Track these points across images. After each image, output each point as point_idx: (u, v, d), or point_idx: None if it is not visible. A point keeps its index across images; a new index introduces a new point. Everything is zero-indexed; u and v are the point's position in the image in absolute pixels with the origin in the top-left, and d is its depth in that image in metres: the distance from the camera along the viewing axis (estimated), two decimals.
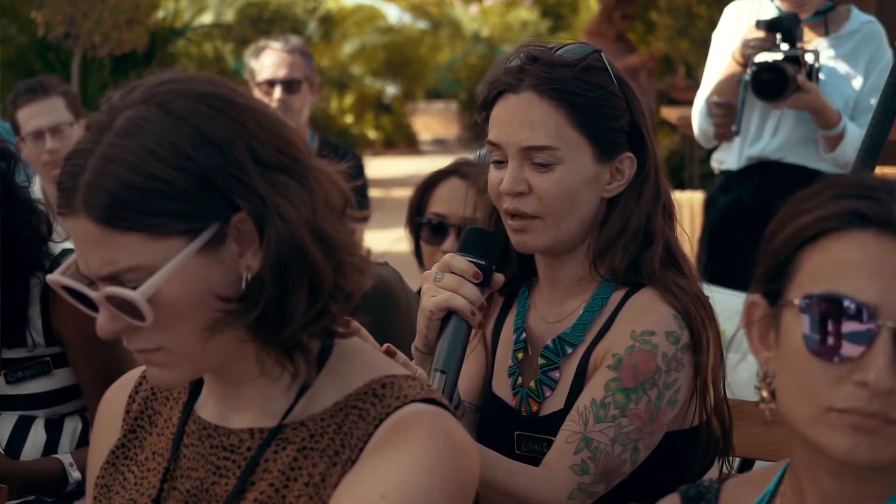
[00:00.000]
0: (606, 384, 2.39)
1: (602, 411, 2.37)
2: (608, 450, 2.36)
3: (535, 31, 19.02)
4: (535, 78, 2.44)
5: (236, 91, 1.74)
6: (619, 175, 2.49)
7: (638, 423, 2.38)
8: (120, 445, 1.89)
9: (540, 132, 2.43)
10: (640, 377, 2.38)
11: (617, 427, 2.37)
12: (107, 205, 1.65)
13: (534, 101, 2.44)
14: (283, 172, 1.70)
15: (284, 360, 1.73)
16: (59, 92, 5.10)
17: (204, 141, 1.66)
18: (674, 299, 2.43)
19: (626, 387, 2.38)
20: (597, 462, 2.36)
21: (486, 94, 2.50)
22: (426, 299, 2.41)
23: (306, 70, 5.92)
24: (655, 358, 2.39)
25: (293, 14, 15.71)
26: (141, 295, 1.65)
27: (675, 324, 2.41)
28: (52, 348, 3.26)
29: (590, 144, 2.45)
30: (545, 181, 2.44)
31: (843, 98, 5.05)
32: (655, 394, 2.39)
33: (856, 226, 1.56)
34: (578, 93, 2.44)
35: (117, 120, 1.68)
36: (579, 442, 2.37)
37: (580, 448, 2.36)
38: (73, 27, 8.67)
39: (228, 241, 1.68)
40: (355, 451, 1.72)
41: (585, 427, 2.37)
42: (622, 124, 2.48)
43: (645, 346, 2.39)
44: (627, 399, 2.37)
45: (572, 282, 2.52)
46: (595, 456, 2.36)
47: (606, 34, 10.88)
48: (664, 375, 2.39)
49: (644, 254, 2.47)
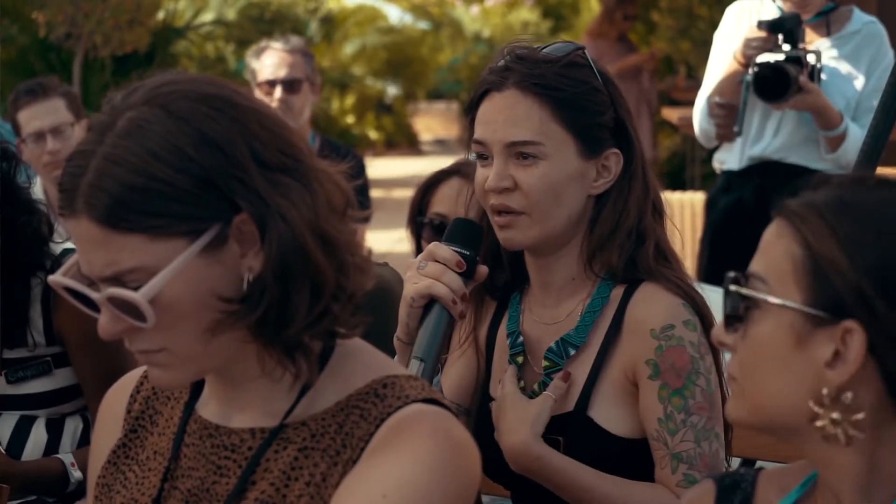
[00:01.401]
0: (659, 396, 2.42)
1: (671, 424, 2.41)
2: (699, 451, 2.40)
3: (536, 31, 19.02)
4: (518, 75, 2.45)
5: (237, 92, 1.74)
6: (605, 172, 2.49)
7: (706, 415, 2.41)
8: (121, 445, 1.89)
9: (524, 128, 2.44)
10: (683, 373, 2.41)
11: (692, 429, 2.40)
12: (108, 206, 1.65)
13: (517, 97, 2.45)
14: (284, 173, 1.70)
15: (286, 361, 1.73)
16: (60, 93, 5.09)
17: (205, 142, 1.66)
18: (676, 289, 2.45)
19: (676, 388, 2.41)
20: (696, 468, 2.40)
21: (472, 95, 2.53)
22: (408, 286, 2.41)
23: (307, 70, 5.92)
24: (686, 350, 2.41)
25: (294, 14, 15.72)
26: (143, 296, 1.65)
27: (686, 312, 2.44)
28: (52, 348, 3.26)
29: (574, 139, 2.46)
30: (530, 176, 2.45)
31: (844, 99, 5.05)
32: (704, 382, 2.42)
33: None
34: (561, 88, 2.45)
35: (119, 121, 1.68)
36: (672, 461, 2.40)
37: (675, 466, 2.40)
38: (75, 27, 8.68)
39: (230, 242, 1.68)
40: (356, 450, 1.72)
41: (668, 446, 2.41)
42: (606, 120, 2.49)
43: (672, 342, 2.41)
44: (683, 399, 2.41)
45: (565, 282, 2.52)
46: (692, 465, 2.40)
47: (608, 35, 10.88)
48: (701, 363, 2.43)
49: (638, 251, 2.48)
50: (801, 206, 1.64)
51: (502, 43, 2.65)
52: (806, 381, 1.62)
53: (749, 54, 4.98)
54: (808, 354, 1.61)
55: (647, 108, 10.98)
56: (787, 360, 1.62)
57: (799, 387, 1.62)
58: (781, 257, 1.63)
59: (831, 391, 1.60)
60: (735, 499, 1.77)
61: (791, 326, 1.62)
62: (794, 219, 1.64)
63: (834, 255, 1.59)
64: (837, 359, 1.60)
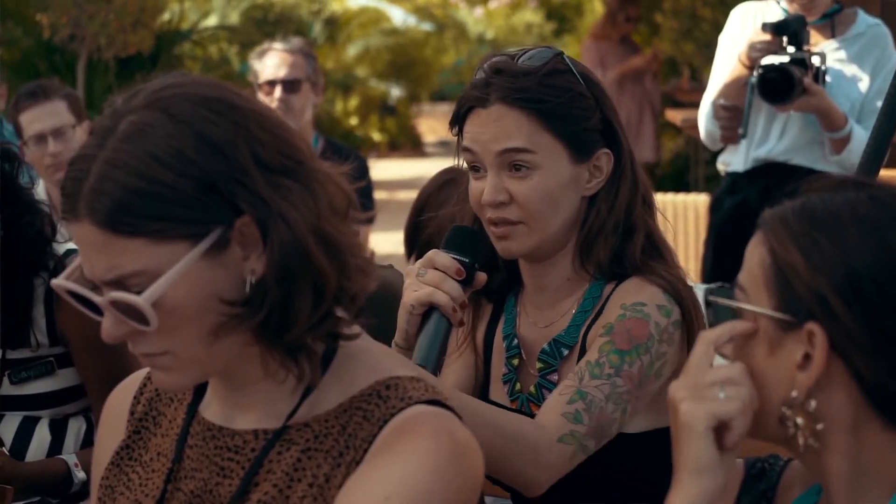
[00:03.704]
0: (600, 347, 2.41)
1: (597, 369, 2.38)
2: (602, 405, 2.37)
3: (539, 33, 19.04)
4: (500, 90, 2.45)
5: (238, 94, 1.74)
6: (597, 172, 2.50)
7: (629, 386, 2.39)
8: (124, 446, 1.89)
9: (515, 137, 2.44)
10: (634, 341, 2.40)
11: (612, 385, 2.38)
12: (110, 210, 1.65)
13: (503, 112, 2.45)
14: (286, 176, 1.70)
15: (289, 363, 1.73)
16: (61, 95, 5.09)
17: (207, 145, 1.66)
18: (661, 280, 2.46)
19: (621, 348, 2.39)
20: (591, 415, 2.36)
21: (456, 109, 2.53)
22: (408, 294, 2.41)
23: (308, 70, 5.91)
24: (648, 325, 2.41)
25: (298, 16, 15.73)
26: (145, 300, 1.65)
27: (664, 299, 2.43)
28: (55, 348, 3.26)
29: (565, 147, 2.46)
30: (526, 188, 2.45)
31: (849, 100, 5.05)
32: (648, 360, 2.40)
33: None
34: (545, 99, 2.45)
35: (120, 125, 1.68)
36: (573, 394, 2.37)
37: (574, 399, 2.37)
38: (79, 29, 8.69)
39: (232, 245, 1.68)
40: (360, 452, 1.72)
41: (580, 382, 2.38)
42: (594, 123, 2.49)
43: (637, 315, 2.41)
44: (622, 360, 2.39)
45: (560, 284, 2.53)
46: (589, 409, 2.36)
47: (611, 36, 10.89)
48: (657, 344, 2.41)
49: (626, 246, 2.48)
50: (772, 214, 1.68)
51: (506, 45, 2.65)
52: (782, 386, 1.64)
53: (754, 56, 4.97)
54: (782, 359, 1.64)
55: (650, 110, 10.99)
56: (765, 366, 1.65)
57: (777, 392, 1.64)
58: (755, 266, 1.67)
59: (800, 394, 1.62)
60: (760, 486, 1.79)
61: (765, 332, 1.65)
62: (765, 227, 1.68)
63: (793, 259, 1.62)
64: (808, 362, 1.62)
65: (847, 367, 1.61)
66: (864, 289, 1.59)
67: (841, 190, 1.66)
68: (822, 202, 1.65)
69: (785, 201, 1.68)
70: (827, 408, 1.62)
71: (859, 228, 1.61)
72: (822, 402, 1.62)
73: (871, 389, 1.60)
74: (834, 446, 1.64)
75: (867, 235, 1.61)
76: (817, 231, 1.62)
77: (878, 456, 1.64)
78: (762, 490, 1.78)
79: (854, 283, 1.59)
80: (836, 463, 1.65)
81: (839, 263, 1.60)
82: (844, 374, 1.61)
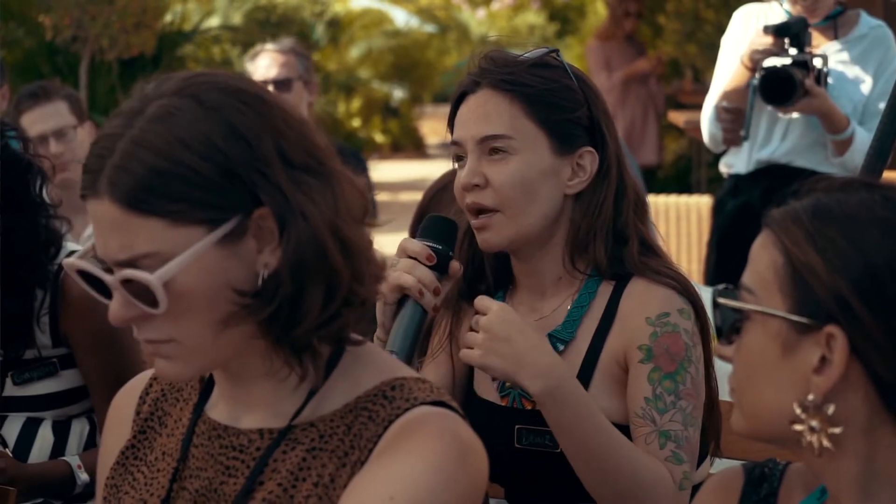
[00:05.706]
0: (649, 377, 2.42)
1: (660, 403, 2.40)
2: (686, 434, 2.40)
3: (542, 34, 19.02)
4: (491, 75, 2.49)
5: (267, 91, 1.77)
6: (580, 171, 2.51)
7: (693, 401, 2.42)
8: (130, 446, 1.90)
9: (495, 123, 2.47)
10: (677, 358, 2.41)
11: (681, 411, 2.40)
12: (131, 187, 1.65)
13: (489, 95, 2.49)
14: (307, 173, 1.71)
15: (293, 361, 1.74)
16: (62, 95, 5.08)
17: (234, 134, 1.68)
18: (668, 279, 2.47)
19: (668, 372, 2.41)
20: (684, 449, 2.39)
21: (452, 99, 2.56)
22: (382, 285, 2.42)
23: (299, 69, 5.95)
24: (681, 337, 2.43)
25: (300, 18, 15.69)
26: (157, 279, 1.66)
27: (681, 301, 2.46)
28: (59, 349, 3.26)
29: (546, 135, 2.48)
30: (501, 172, 2.47)
31: (851, 102, 5.04)
32: (694, 370, 2.43)
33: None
34: (531, 84, 2.48)
35: (149, 108, 1.69)
36: (659, 438, 2.40)
37: (663, 443, 2.39)
38: (81, 31, 8.69)
39: (248, 236, 1.69)
40: (365, 452, 1.72)
41: (656, 423, 2.40)
42: (579, 117, 2.51)
43: (667, 329, 2.43)
44: (675, 383, 2.41)
45: (552, 282, 2.54)
46: (680, 445, 2.39)
47: (616, 35, 10.89)
48: (692, 351, 2.44)
49: (623, 250, 2.49)
50: (782, 214, 1.66)
51: (508, 46, 2.67)
52: (796, 388, 1.62)
53: (756, 58, 4.97)
54: (797, 362, 1.61)
55: (653, 112, 10.98)
56: (777, 368, 1.63)
57: (790, 395, 1.62)
58: (765, 267, 1.64)
59: (817, 398, 1.60)
60: (761, 491, 1.77)
61: (778, 335, 1.62)
62: (775, 227, 1.65)
63: (811, 260, 1.60)
64: (824, 364, 1.60)
65: (865, 369, 1.59)
66: (886, 290, 1.57)
67: (851, 190, 1.64)
68: (837, 202, 1.63)
69: (792, 201, 1.66)
70: (843, 410, 1.60)
71: (880, 229, 1.59)
72: (839, 404, 1.60)
73: (888, 391, 1.59)
74: (848, 449, 1.62)
75: (887, 236, 1.59)
76: (835, 231, 1.60)
77: (891, 458, 1.63)
78: (764, 495, 1.77)
79: (875, 284, 1.57)
80: (848, 465, 1.63)
81: (859, 264, 1.58)
82: (862, 375, 1.59)
